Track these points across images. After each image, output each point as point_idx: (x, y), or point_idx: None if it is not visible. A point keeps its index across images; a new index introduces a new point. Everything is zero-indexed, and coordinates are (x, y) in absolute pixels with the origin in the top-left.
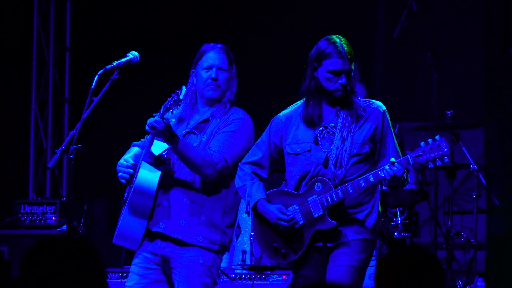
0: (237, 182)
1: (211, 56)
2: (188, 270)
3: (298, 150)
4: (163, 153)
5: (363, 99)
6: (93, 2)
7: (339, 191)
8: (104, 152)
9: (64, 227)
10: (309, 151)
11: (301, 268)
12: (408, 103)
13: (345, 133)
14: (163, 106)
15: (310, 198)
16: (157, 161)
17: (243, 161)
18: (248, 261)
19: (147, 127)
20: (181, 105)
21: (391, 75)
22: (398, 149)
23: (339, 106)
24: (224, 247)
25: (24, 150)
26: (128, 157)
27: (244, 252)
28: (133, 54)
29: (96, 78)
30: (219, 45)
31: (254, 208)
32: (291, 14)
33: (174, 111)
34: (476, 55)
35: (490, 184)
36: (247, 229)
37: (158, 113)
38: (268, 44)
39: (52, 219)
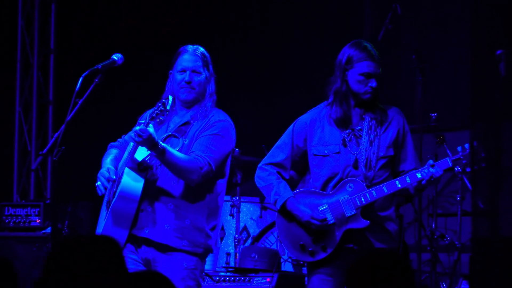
0: (259, 182)
1: (186, 59)
2: (171, 274)
3: (326, 152)
4: (146, 159)
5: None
6: (78, 4)
7: (373, 191)
8: (88, 154)
9: (48, 229)
10: (338, 152)
11: (324, 266)
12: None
13: (372, 136)
14: (149, 115)
15: (342, 198)
16: (140, 167)
17: (264, 162)
18: (232, 264)
19: (133, 135)
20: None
21: None
22: (416, 154)
23: (364, 109)
24: (208, 250)
25: (9, 152)
26: (111, 168)
27: (228, 254)
28: (117, 56)
29: (80, 80)
30: (194, 47)
31: (283, 206)
32: (275, 15)
33: (160, 120)
34: (460, 58)
35: (475, 187)
36: (231, 232)
37: (144, 121)
38: (252, 46)
39: (36, 221)
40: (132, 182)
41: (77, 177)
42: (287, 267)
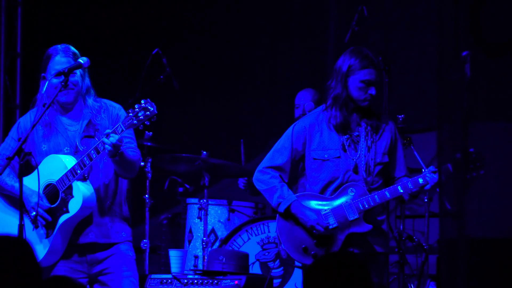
0: (260, 185)
1: (58, 61)
2: (126, 266)
3: (326, 156)
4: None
5: None
6: (44, 8)
7: (375, 196)
8: None
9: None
10: (339, 157)
11: None
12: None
13: (369, 142)
14: (122, 124)
15: (344, 202)
16: (84, 177)
17: (264, 165)
18: (200, 266)
19: (108, 147)
20: (40, 111)
21: None
22: (405, 161)
23: (360, 115)
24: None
25: None
26: (40, 195)
27: (196, 257)
28: (83, 60)
29: (46, 84)
30: (63, 47)
31: (287, 209)
32: (240, 18)
33: (141, 127)
34: (427, 59)
35: (442, 188)
36: (199, 234)
37: (117, 129)
38: (218, 49)
39: None
40: (88, 193)
41: None
42: (255, 269)
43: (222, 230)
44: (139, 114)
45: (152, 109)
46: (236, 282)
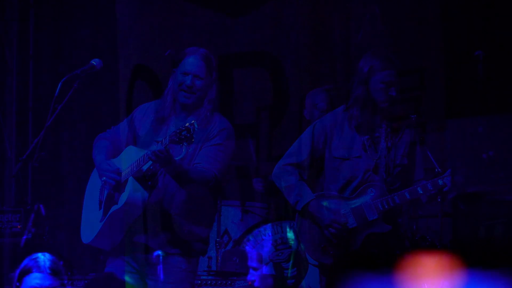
0: (279, 182)
1: (190, 62)
2: (169, 277)
3: (347, 155)
4: (151, 167)
5: None
6: (57, 10)
7: (395, 196)
8: (68, 160)
9: (29, 235)
10: (360, 157)
11: None
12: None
13: (389, 144)
14: (168, 137)
15: (364, 202)
16: (146, 177)
17: (284, 162)
18: (214, 267)
19: (149, 154)
20: (162, 103)
21: None
22: (423, 164)
23: (380, 117)
24: (203, 252)
25: None
26: (110, 161)
27: (210, 258)
28: (95, 61)
29: (59, 86)
30: (201, 51)
31: (305, 207)
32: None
33: (185, 145)
34: (438, 58)
35: (456, 189)
36: (212, 235)
37: (163, 141)
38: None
39: (17, 227)
40: (134, 192)
41: (57, 182)
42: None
43: (235, 231)
44: (182, 133)
45: (192, 132)
46: (250, 283)
